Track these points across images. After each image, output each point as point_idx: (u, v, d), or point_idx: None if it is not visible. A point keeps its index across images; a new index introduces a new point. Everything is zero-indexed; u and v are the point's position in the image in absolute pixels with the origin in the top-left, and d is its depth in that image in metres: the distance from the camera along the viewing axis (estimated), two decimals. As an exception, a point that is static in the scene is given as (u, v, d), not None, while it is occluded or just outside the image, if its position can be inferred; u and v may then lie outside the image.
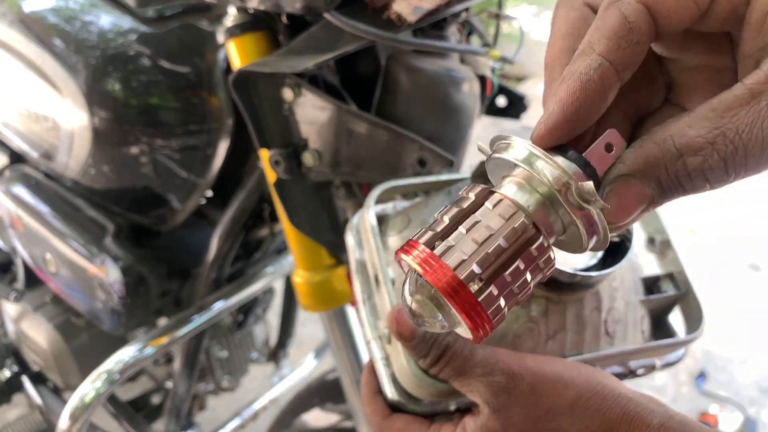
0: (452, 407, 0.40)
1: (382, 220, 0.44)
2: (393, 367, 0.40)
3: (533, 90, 3.75)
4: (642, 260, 0.50)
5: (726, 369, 1.89)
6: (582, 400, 0.34)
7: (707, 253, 2.40)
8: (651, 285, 0.48)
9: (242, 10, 0.55)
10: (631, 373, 0.43)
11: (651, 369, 0.44)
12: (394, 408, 0.41)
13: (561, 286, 0.40)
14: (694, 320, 0.46)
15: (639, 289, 0.47)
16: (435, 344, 0.36)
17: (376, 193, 0.44)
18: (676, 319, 0.48)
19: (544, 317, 0.40)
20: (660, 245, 0.50)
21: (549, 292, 0.40)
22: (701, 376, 1.83)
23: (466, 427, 0.36)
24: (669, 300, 0.47)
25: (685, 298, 0.47)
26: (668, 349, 0.44)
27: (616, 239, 0.43)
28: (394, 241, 0.43)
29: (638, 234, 0.44)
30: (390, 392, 0.40)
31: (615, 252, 0.42)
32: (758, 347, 1.98)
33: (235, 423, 1.10)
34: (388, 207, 0.45)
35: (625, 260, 0.41)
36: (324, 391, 0.87)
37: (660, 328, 0.48)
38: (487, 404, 0.35)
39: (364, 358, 0.69)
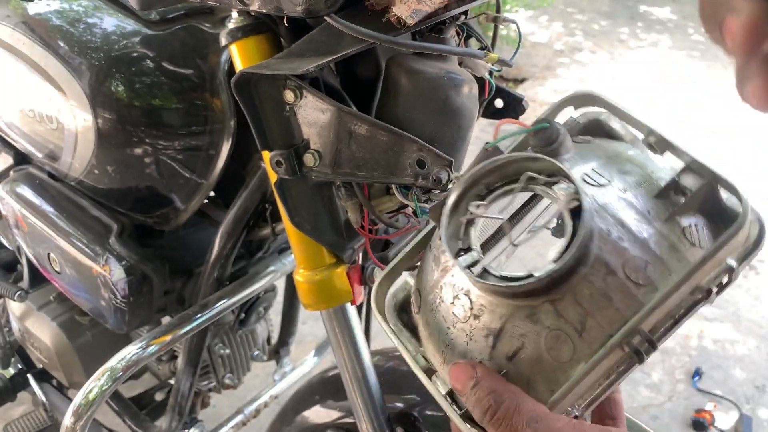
0: None
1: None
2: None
3: (531, 92, 3.75)
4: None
5: (721, 366, 1.89)
6: None
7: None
8: (674, 192, 0.42)
9: (244, 13, 0.55)
10: (710, 292, 0.38)
11: (730, 270, 0.38)
12: None
13: (547, 287, 0.38)
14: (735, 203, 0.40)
15: (659, 209, 0.41)
16: (486, 399, 0.38)
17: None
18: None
19: (560, 318, 0.38)
20: (658, 145, 0.45)
21: (543, 297, 0.39)
22: (697, 373, 1.84)
23: None
24: (699, 197, 0.41)
25: (715, 184, 0.41)
26: (727, 240, 0.37)
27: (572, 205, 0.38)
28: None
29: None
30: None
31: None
32: (754, 345, 1.98)
33: (236, 419, 1.11)
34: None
35: (584, 221, 0.36)
36: (324, 388, 0.88)
37: (711, 223, 0.42)
38: None
39: (364, 356, 0.70)
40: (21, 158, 0.96)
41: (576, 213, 0.38)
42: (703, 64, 4.29)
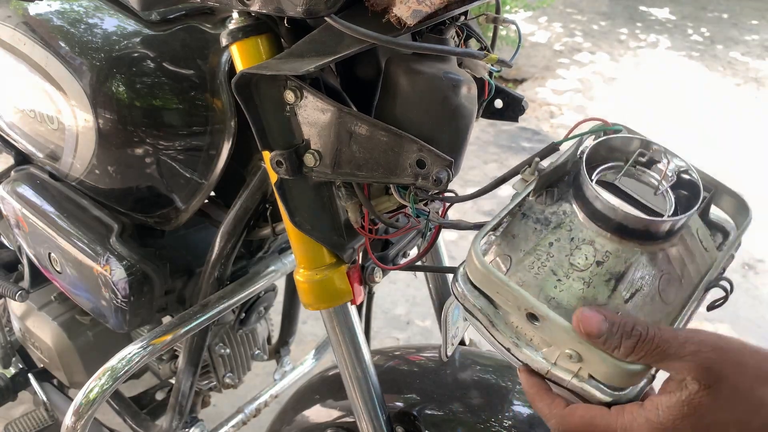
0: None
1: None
2: (587, 372, 0.44)
3: (530, 92, 3.75)
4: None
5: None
6: None
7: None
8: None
9: (245, 13, 0.55)
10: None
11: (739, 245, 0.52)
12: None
13: (668, 233, 0.46)
14: (740, 209, 0.52)
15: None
16: (625, 334, 0.41)
17: (481, 240, 0.47)
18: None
19: (670, 264, 0.47)
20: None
21: (662, 243, 0.46)
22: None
23: (660, 405, 0.40)
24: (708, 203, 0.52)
25: (718, 194, 0.52)
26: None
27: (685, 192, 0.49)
28: (510, 280, 0.45)
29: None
30: (600, 395, 0.43)
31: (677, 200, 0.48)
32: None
33: (237, 419, 1.11)
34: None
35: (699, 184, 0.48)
36: (325, 388, 0.88)
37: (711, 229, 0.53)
38: (697, 381, 0.38)
39: (364, 356, 0.70)
40: (22, 158, 0.96)
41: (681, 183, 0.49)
42: (703, 64, 4.29)
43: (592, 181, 0.46)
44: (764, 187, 2.79)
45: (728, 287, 0.48)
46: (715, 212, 0.54)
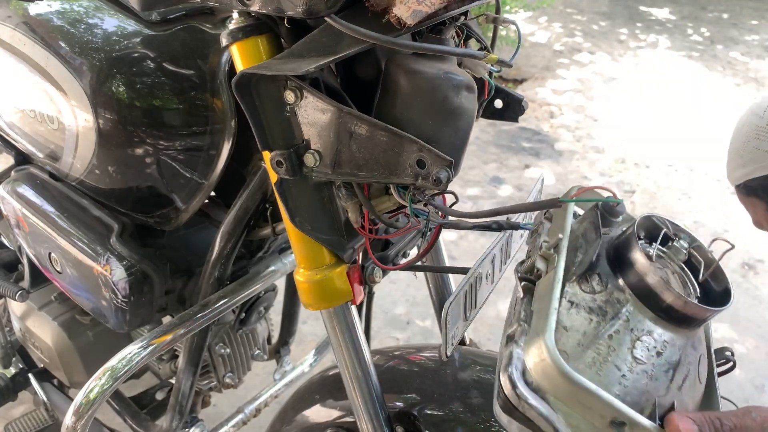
0: None
1: None
2: None
3: (530, 92, 3.75)
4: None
5: (724, 366, 1.90)
6: None
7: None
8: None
9: (245, 13, 0.55)
10: None
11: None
12: None
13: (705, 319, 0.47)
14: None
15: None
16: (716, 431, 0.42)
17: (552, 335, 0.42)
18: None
19: (702, 345, 0.49)
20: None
21: (701, 324, 0.47)
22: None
23: None
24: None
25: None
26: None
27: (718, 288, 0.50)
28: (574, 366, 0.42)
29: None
30: None
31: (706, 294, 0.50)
32: (752, 345, 1.99)
33: (237, 418, 1.11)
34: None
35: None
36: (325, 388, 0.88)
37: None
38: None
39: (364, 356, 0.70)
40: (22, 158, 0.96)
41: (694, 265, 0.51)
42: (703, 64, 4.29)
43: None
44: (764, 187, 2.79)
45: (731, 355, 0.50)
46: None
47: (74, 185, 0.85)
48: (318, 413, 0.85)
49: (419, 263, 0.66)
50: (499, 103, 0.69)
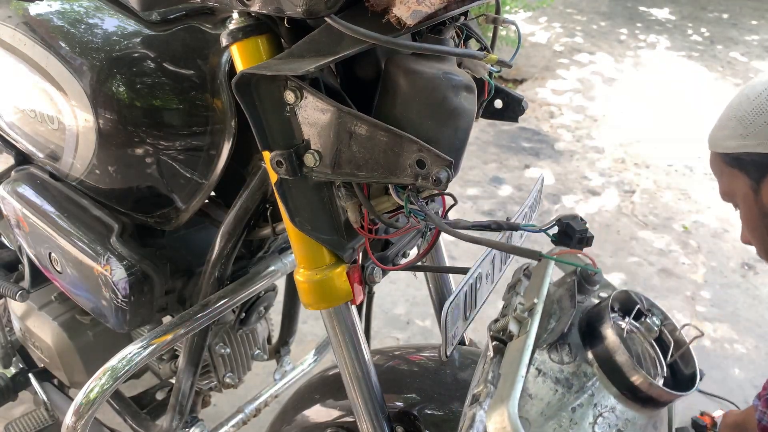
0: None
1: None
2: None
3: (530, 92, 3.75)
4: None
5: (720, 366, 1.90)
6: None
7: (701, 251, 2.41)
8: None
9: (245, 13, 0.55)
10: None
11: None
12: None
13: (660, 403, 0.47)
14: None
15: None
16: None
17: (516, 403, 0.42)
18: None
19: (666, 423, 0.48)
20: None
21: (650, 409, 0.46)
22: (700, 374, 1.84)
23: None
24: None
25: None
26: None
27: (687, 372, 0.50)
28: None
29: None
30: None
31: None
32: (752, 344, 1.99)
33: (237, 418, 1.11)
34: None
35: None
36: (325, 388, 0.89)
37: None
38: None
39: (364, 356, 0.70)
40: (22, 158, 0.96)
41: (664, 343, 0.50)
42: (703, 64, 4.29)
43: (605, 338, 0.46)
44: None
45: None
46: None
47: (74, 185, 0.85)
48: (318, 413, 0.85)
49: (419, 263, 0.66)
50: (499, 103, 0.69)
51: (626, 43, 4.65)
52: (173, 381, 1.04)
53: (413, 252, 0.81)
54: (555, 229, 0.53)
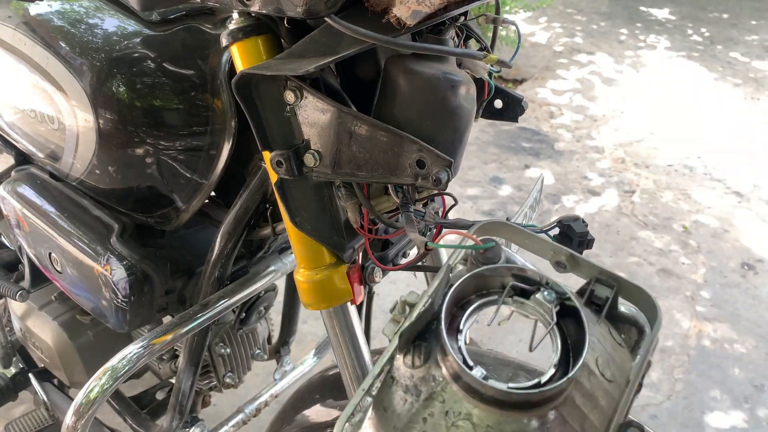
0: None
1: None
2: None
3: (530, 92, 3.75)
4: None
5: (720, 366, 1.90)
6: None
7: (701, 251, 2.41)
8: (593, 301, 0.45)
9: (245, 13, 0.55)
10: (641, 386, 0.41)
11: (650, 364, 0.42)
12: None
13: (559, 392, 0.38)
14: (648, 309, 0.44)
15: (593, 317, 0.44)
16: None
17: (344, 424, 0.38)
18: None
19: (566, 424, 0.38)
20: (568, 261, 0.46)
21: (551, 405, 0.38)
22: (698, 373, 1.84)
23: None
24: (614, 303, 0.45)
25: (624, 289, 0.44)
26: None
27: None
28: None
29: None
30: None
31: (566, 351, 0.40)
32: (752, 344, 1.99)
33: (237, 418, 1.11)
34: None
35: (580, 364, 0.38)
36: (325, 387, 0.89)
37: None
38: None
39: (364, 355, 0.70)
40: (22, 158, 0.96)
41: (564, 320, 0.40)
42: (703, 64, 4.29)
43: (462, 331, 0.39)
44: (763, 185, 2.79)
45: None
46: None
47: (74, 185, 0.85)
48: (318, 413, 0.85)
49: (419, 263, 0.66)
50: (498, 103, 0.69)
51: (626, 43, 4.65)
52: (173, 381, 1.04)
53: (413, 252, 0.81)
54: (556, 230, 0.53)
